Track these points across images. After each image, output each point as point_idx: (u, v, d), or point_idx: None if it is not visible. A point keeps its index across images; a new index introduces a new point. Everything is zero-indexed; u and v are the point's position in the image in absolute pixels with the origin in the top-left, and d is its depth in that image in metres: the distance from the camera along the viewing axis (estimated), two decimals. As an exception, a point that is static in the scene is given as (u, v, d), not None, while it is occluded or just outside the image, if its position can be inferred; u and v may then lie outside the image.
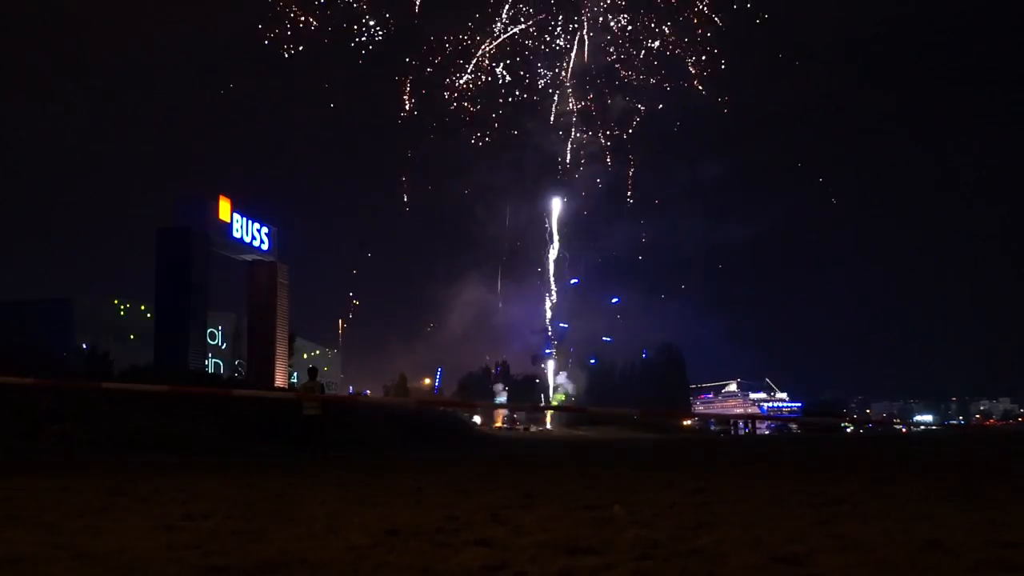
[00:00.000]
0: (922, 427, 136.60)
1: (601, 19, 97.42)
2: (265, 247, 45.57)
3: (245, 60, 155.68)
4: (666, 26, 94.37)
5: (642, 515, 6.07)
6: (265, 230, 45.50)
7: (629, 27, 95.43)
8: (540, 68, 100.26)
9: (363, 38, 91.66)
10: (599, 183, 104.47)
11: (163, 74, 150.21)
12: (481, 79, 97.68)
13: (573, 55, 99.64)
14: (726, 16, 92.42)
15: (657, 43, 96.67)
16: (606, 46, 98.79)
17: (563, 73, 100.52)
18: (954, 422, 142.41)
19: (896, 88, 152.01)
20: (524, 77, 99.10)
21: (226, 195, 42.95)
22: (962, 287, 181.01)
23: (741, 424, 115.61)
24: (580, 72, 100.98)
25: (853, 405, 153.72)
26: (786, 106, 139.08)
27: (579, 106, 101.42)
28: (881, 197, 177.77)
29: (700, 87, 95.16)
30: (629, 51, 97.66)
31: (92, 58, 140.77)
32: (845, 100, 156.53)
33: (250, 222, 44.20)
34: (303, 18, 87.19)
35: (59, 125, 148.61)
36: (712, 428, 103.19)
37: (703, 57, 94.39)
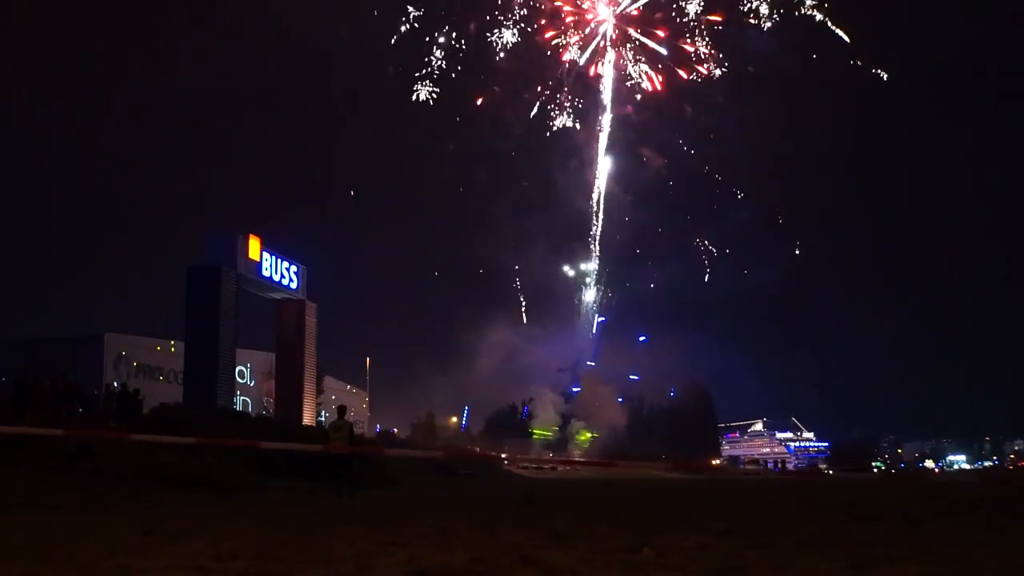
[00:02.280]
0: (955, 467, 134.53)
1: (629, 64, 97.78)
2: (294, 285, 45.87)
3: (276, 97, 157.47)
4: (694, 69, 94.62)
5: (671, 558, 6.03)
6: (294, 269, 45.82)
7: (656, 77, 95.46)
8: (566, 117, 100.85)
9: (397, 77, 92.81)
10: (626, 225, 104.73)
11: (194, 110, 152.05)
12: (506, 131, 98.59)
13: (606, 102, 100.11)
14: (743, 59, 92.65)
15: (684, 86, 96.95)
16: (634, 93, 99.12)
17: (592, 122, 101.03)
18: (987, 463, 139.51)
19: (926, 116, 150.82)
20: (551, 127, 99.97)
21: (255, 234, 43.35)
22: (994, 324, 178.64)
23: (771, 463, 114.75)
24: (608, 121, 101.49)
25: (884, 444, 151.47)
26: (812, 145, 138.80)
27: (608, 153, 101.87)
28: (911, 234, 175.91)
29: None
30: (658, 102, 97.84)
31: (121, 93, 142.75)
32: (870, 134, 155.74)
33: (279, 260, 44.55)
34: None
35: (89, 161, 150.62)
36: (741, 466, 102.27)
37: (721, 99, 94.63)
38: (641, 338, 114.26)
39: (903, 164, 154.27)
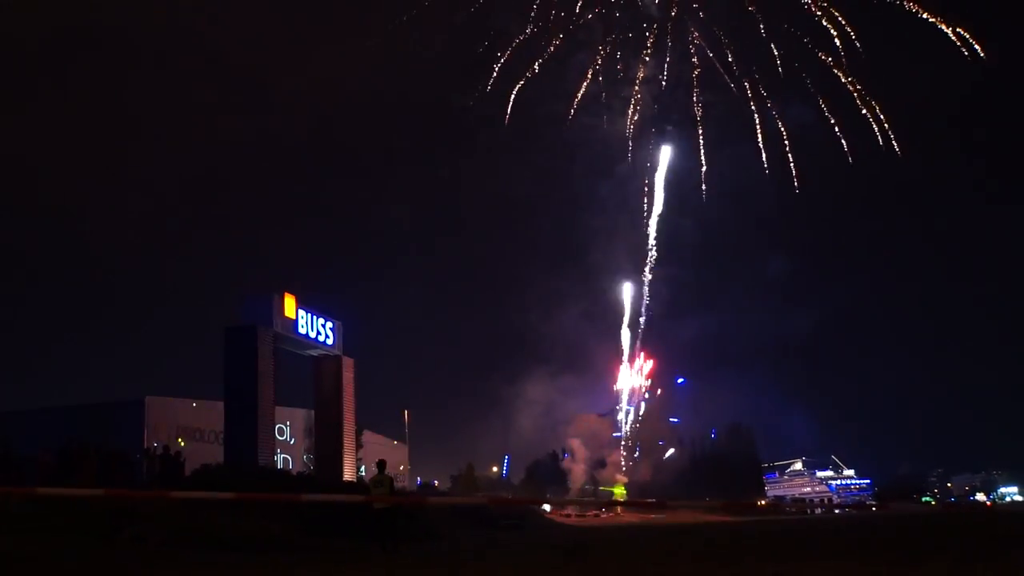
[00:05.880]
0: (1007, 499, 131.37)
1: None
2: (330, 342, 46.08)
3: (309, 154, 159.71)
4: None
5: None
6: (330, 325, 46.06)
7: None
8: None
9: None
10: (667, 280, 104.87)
11: (224, 172, 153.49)
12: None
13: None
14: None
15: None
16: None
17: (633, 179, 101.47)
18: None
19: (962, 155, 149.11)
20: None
21: (291, 291, 43.66)
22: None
23: (816, 501, 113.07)
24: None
25: (933, 479, 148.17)
26: (847, 187, 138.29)
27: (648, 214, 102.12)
28: (954, 266, 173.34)
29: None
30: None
31: (154, 158, 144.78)
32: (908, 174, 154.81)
33: (315, 318, 44.81)
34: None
35: (123, 227, 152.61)
36: (788, 506, 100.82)
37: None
38: (680, 381, 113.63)
39: (949, 201, 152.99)
